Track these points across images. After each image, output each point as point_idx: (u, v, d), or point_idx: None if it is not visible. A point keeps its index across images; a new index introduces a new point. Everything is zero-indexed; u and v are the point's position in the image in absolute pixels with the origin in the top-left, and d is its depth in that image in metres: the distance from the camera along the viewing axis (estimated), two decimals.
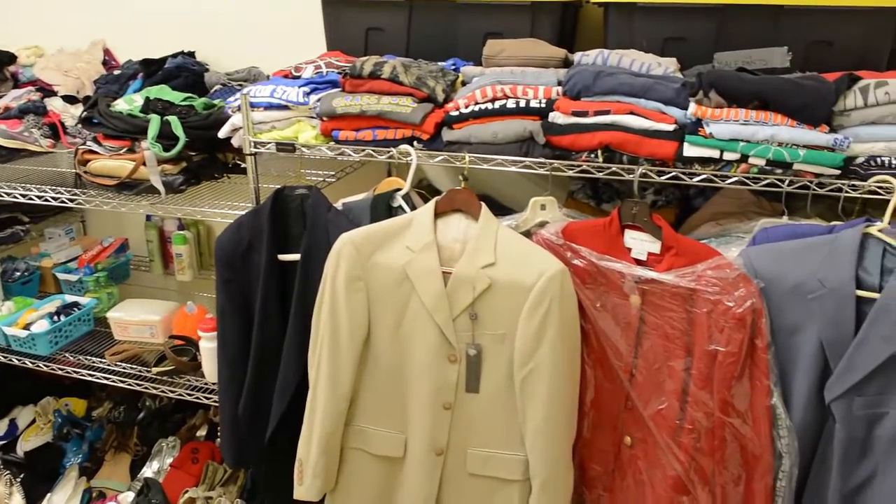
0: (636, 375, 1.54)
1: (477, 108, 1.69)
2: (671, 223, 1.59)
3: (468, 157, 1.68)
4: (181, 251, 2.55)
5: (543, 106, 1.66)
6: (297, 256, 1.77)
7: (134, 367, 2.23)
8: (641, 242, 1.57)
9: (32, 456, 2.58)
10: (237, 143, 1.92)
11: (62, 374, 2.29)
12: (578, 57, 1.79)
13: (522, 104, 1.67)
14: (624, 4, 1.85)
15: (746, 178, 1.55)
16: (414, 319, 1.56)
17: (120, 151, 2.04)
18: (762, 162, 1.51)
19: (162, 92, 2.13)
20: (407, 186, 1.77)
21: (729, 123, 1.50)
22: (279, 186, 1.82)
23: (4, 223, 2.60)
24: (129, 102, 2.09)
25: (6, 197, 2.18)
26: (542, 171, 1.68)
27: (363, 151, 1.79)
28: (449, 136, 1.73)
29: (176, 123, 1.97)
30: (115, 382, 2.23)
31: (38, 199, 2.12)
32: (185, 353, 2.22)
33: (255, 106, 1.85)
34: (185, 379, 2.19)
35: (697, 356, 1.47)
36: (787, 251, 1.46)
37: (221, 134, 1.94)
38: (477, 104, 1.69)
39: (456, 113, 1.71)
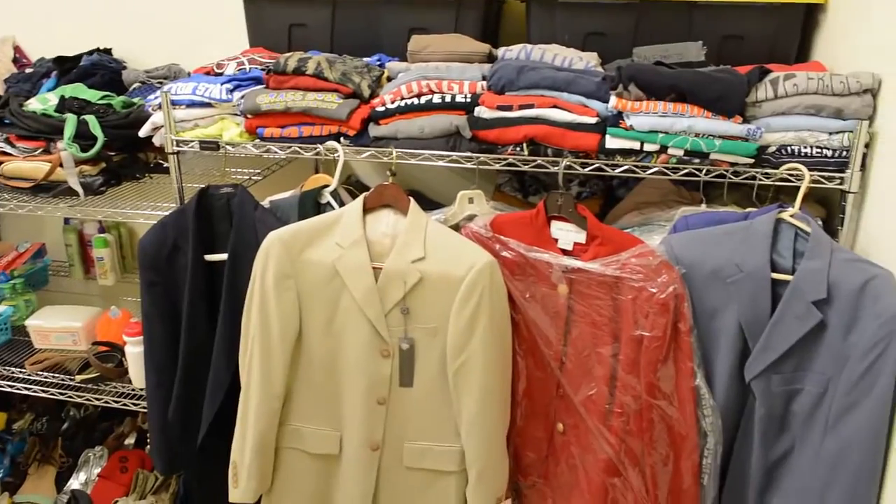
0: (566, 363, 1.57)
1: (403, 103, 1.69)
2: (596, 213, 1.63)
3: (395, 152, 1.69)
4: (102, 255, 2.47)
5: (469, 101, 1.68)
6: (224, 256, 1.75)
7: (56, 375, 2.16)
8: (567, 233, 1.60)
9: None
10: (159, 141, 1.88)
11: None
12: (502, 52, 1.82)
13: (448, 99, 1.68)
14: (545, 0, 1.89)
15: (666, 168, 1.60)
16: (346, 316, 1.55)
17: (35, 153, 1.98)
18: (680, 152, 1.56)
19: (78, 90, 2.07)
20: (335, 183, 1.76)
21: (648, 116, 1.55)
22: (204, 185, 1.79)
23: None
24: (42, 102, 2.03)
25: None
26: (469, 165, 1.70)
27: (289, 149, 1.78)
28: (375, 131, 1.73)
29: (94, 123, 1.92)
30: (36, 392, 2.16)
31: None
32: (110, 359, 2.15)
33: (176, 104, 1.82)
34: (111, 386, 2.14)
35: (624, 342, 1.51)
36: (706, 238, 1.52)
37: (142, 133, 1.91)
38: (403, 99, 1.70)
39: (382, 108, 1.71)
